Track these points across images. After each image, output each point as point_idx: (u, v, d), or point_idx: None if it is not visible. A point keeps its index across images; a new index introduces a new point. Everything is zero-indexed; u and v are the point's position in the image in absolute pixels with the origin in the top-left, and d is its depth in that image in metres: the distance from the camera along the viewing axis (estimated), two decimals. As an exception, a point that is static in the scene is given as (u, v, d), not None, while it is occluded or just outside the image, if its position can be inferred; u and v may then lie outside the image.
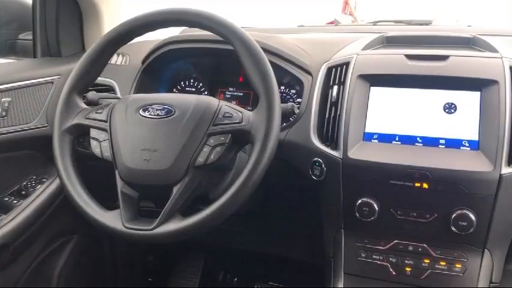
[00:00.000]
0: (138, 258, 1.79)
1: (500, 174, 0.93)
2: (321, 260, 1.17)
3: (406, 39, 1.22)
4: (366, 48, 1.17)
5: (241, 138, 0.92)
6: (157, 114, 0.95)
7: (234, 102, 1.32)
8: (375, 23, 1.61)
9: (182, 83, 1.40)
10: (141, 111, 0.96)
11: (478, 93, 1.00)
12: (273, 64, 1.03)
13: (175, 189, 0.90)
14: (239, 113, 0.93)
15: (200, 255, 1.83)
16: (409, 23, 1.53)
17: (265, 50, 1.02)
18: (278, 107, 0.89)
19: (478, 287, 1.00)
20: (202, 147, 0.90)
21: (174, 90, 1.40)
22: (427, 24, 1.50)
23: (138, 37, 1.03)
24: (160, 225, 0.88)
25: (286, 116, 1.02)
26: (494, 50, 1.07)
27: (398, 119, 1.04)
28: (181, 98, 0.98)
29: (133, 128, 0.95)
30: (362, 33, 1.38)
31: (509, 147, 0.94)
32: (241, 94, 1.33)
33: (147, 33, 1.02)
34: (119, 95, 1.30)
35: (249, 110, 0.94)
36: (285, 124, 1.14)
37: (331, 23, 2.27)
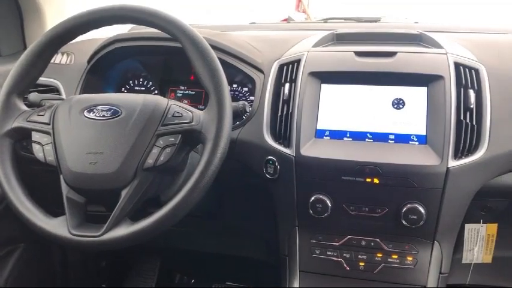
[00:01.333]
0: (90, 264, 1.73)
1: (447, 168, 0.95)
2: (276, 258, 1.17)
3: (356, 36, 1.23)
4: (316, 45, 1.17)
5: (191, 138, 0.90)
6: (103, 115, 0.91)
7: (186, 101, 1.30)
8: (325, 20, 1.62)
9: (131, 82, 1.36)
10: (85, 113, 0.92)
11: (425, 88, 1.02)
12: (223, 62, 1.01)
13: (123, 193, 0.87)
14: (189, 112, 0.91)
15: (155, 258, 1.79)
16: (358, 20, 1.55)
17: (215, 48, 1.01)
18: (229, 105, 0.88)
19: (429, 278, 1.03)
20: (151, 148, 0.87)
21: (123, 89, 1.36)
22: (376, 21, 1.53)
23: (83, 35, 0.98)
24: (109, 231, 0.85)
25: (238, 114, 1.01)
26: (439, 46, 1.10)
27: (349, 115, 1.04)
28: (128, 98, 0.94)
29: (78, 130, 0.91)
30: (313, 30, 1.38)
31: (455, 141, 0.97)
32: (193, 93, 1.31)
33: (92, 31, 0.98)
34: (63, 95, 1.25)
35: (201, 109, 0.92)
36: (238, 123, 1.13)
37: (285, 20, 2.28)
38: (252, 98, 1.17)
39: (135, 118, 0.89)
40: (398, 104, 1.02)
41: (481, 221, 1.16)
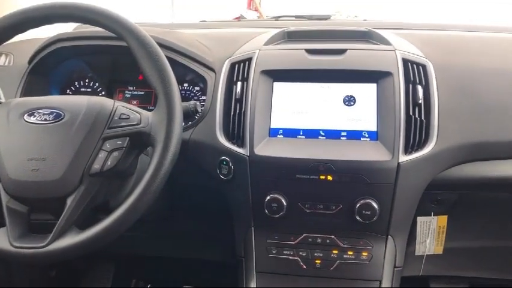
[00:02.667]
0: (37, 275, 1.64)
1: (398, 163, 0.96)
2: (233, 259, 1.15)
3: (306, 33, 1.23)
4: (267, 43, 1.16)
5: (140, 141, 0.87)
6: (45, 119, 0.86)
7: (135, 102, 1.25)
8: (276, 18, 1.62)
9: (76, 83, 1.30)
10: (26, 117, 0.87)
11: (375, 85, 1.03)
12: (172, 61, 0.99)
13: (69, 201, 0.83)
14: (137, 114, 0.87)
15: (109, 265, 1.73)
16: (309, 17, 1.55)
17: (163, 46, 0.98)
18: (178, 105, 0.86)
19: (383, 272, 1.04)
20: (98, 152, 0.84)
21: (68, 91, 1.30)
22: (326, 19, 1.54)
23: (23, 34, 0.93)
24: (54, 241, 0.81)
25: (189, 114, 0.99)
26: (387, 43, 1.11)
27: (302, 113, 1.04)
28: (72, 100, 0.90)
29: (18, 136, 0.86)
30: (264, 28, 1.38)
31: (405, 136, 0.98)
32: (142, 93, 1.27)
33: (33, 31, 0.93)
34: (2, 99, 1.17)
35: (151, 110, 0.89)
36: (190, 123, 1.11)
37: (237, 18, 2.27)
38: (204, 97, 1.15)
39: (79, 121, 0.85)
40: (350, 101, 1.03)
41: (432, 213, 1.19)
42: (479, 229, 1.29)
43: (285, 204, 1.01)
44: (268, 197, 1.01)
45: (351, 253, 1.04)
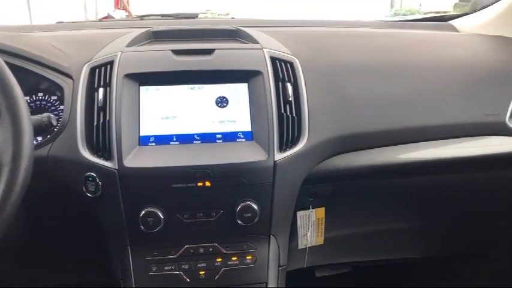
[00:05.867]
0: None
1: (274, 161, 0.96)
2: (111, 282, 1.06)
3: (173, 33, 1.18)
4: (131, 44, 1.08)
5: None
6: None
7: None
8: (141, 18, 1.53)
9: None
10: None
11: (246, 84, 1.01)
12: (17, 68, 0.88)
13: None
14: None
15: None
16: (176, 16, 1.49)
17: (3, 52, 0.86)
18: (26, 119, 0.75)
19: (269, 273, 1.03)
20: None
21: None
22: (193, 18, 1.49)
23: None
24: None
25: (43, 129, 0.88)
26: (255, 41, 1.10)
27: (174, 118, 0.99)
28: None
29: None
30: (128, 28, 1.29)
31: (279, 135, 0.98)
32: None
33: None
34: None
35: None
36: (49, 137, 0.98)
37: (105, 18, 2.14)
38: (62, 107, 1.03)
39: None
40: (222, 102, 1.00)
41: (310, 206, 1.22)
42: (354, 217, 1.36)
43: (162, 217, 0.95)
44: (143, 212, 0.94)
45: (235, 259, 1.02)
